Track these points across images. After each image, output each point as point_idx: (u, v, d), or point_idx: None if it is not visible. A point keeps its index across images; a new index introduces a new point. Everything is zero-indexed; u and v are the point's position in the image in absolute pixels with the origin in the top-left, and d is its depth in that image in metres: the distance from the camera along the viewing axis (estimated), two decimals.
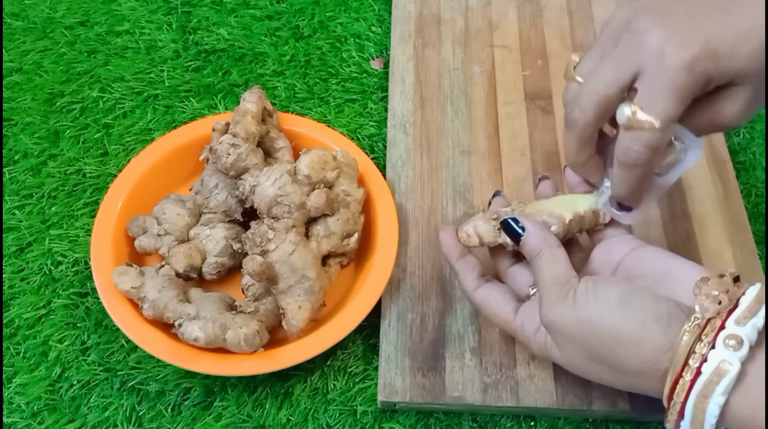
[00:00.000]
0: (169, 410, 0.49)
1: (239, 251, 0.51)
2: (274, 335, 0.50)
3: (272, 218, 0.49)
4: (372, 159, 0.57)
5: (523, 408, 0.48)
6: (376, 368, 0.50)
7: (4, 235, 0.56)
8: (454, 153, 0.59)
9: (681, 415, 0.37)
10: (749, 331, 0.36)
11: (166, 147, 0.57)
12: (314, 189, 0.50)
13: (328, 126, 0.59)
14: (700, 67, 0.38)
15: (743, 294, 0.37)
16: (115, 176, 0.55)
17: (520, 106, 0.62)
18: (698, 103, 0.40)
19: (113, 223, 0.53)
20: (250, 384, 0.50)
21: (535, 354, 0.45)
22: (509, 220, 0.45)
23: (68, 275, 0.54)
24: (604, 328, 0.39)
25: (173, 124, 0.63)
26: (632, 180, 0.42)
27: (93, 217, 0.55)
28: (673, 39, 0.38)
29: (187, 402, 0.49)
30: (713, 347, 0.36)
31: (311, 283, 0.48)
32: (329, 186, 0.51)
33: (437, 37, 0.67)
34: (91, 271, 0.51)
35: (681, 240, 0.55)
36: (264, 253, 0.47)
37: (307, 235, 0.50)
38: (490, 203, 0.50)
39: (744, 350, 0.35)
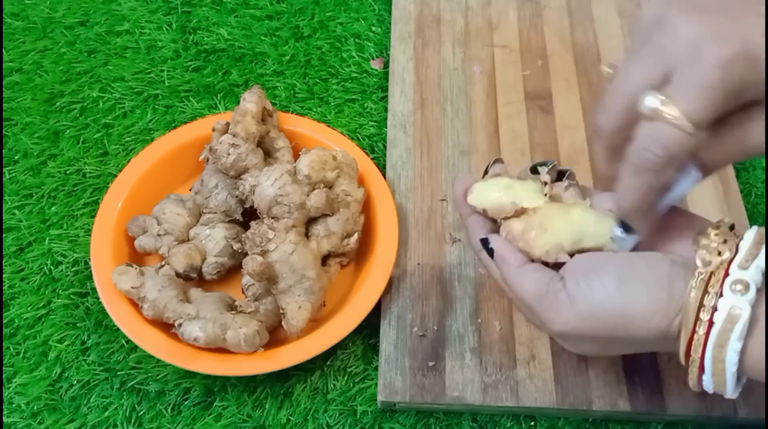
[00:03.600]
0: (169, 410, 0.49)
1: (239, 251, 0.51)
2: (274, 335, 0.50)
3: (272, 218, 0.49)
4: (372, 159, 0.57)
5: (523, 408, 0.48)
6: (376, 368, 0.50)
7: (4, 235, 0.56)
8: (454, 153, 0.59)
9: (701, 369, 0.36)
10: (753, 274, 0.35)
11: (166, 147, 0.57)
12: (314, 189, 0.50)
13: (328, 126, 0.59)
14: (737, 68, 0.34)
15: (741, 239, 0.37)
16: (115, 176, 0.55)
17: (520, 106, 0.62)
18: (727, 122, 0.37)
19: (113, 223, 0.53)
20: (250, 384, 0.50)
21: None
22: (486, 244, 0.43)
23: (68, 275, 0.54)
24: (609, 315, 0.37)
25: (173, 124, 0.63)
26: (641, 190, 0.38)
27: (93, 217, 0.55)
28: (709, 34, 0.34)
29: (187, 402, 0.49)
30: (721, 295, 0.35)
31: (311, 283, 0.48)
32: (329, 186, 0.51)
33: (437, 37, 0.67)
34: (91, 271, 0.51)
35: None
36: (264, 253, 0.47)
37: (307, 235, 0.50)
38: (486, 171, 0.46)
39: (751, 293, 0.35)
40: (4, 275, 0.54)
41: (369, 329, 0.51)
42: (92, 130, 0.62)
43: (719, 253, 0.36)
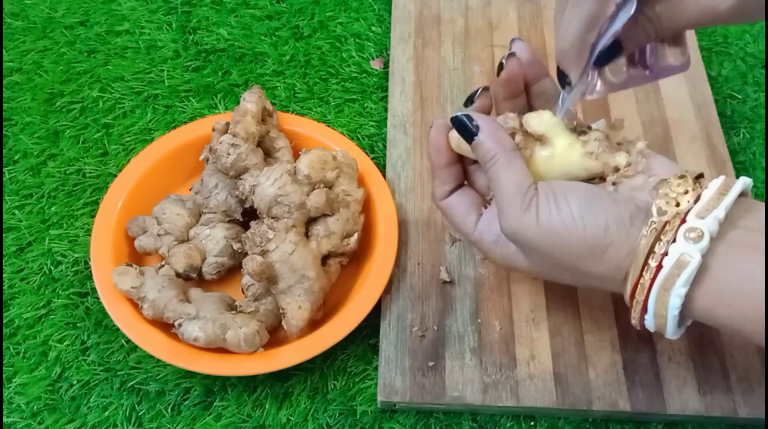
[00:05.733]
0: (169, 410, 0.49)
1: (239, 251, 0.51)
2: (274, 335, 0.50)
3: (272, 218, 0.49)
4: (372, 159, 0.57)
5: (523, 408, 0.48)
6: (376, 368, 0.50)
7: (4, 235, 0.56)
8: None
9: (644, 310, 0.38)
10: (710, 224, 0.36)
11: (166, 147, 0.57)
12: (314, 189, 0.50)
13: (328, 126, 0.59)
14: None
15: (705, 188, 0.37)
16: (115, 176, 0.55)
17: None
18: None
19: (113, 223, 0.53)
20: (250, 384, 0.50)
21: (498, 265, 0.44)
22: (462, 117, 0.42)
23: (68, 275, 0.54)
24: (569, 237, 0.38)
25: (173, 124, 0.63)
26: (580, 21, 0.38)
27: (93, 217, 0.55)
28: None
29: (187, 402, 0.49)
30: (674, 241, 0.36)
31: (311, 283, 0.48)
32: (329, 186, 0.51)
33: (437, 37, 0.67)
34: (91, 271, 0.51)
35: None
36: (264, 253, 0.47)
37: (307, 235, 0.50)
38: (472, 100, 0.45)
39: (704, 242, 0.35)
40: (4, 275, 0.54)
41: (369, 329, 0.51)
42: (92, 130, 0.62)
43: (677, 204, 0.37)
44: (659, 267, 0.36)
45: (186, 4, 0.71)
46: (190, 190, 0.55)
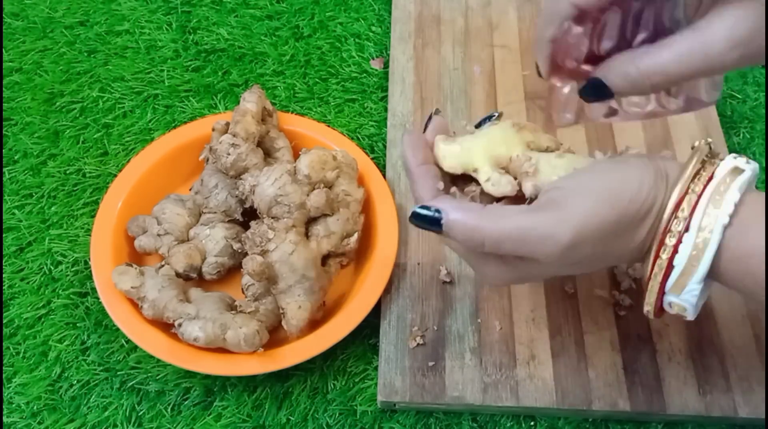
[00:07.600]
0: (168, 410, 0.49)
1: (239, 251, 0.51)
2: (274, 335, 0.50)
3: (272, 218, 0.49)
4: (372, 159, 0.57)
5: (523, 408, 0.48)
6: (376, 368, 0.50)
7: (4, 235, 0.56)
8: None
9: (687, 228, 0.35)
10: (753, 166, 0.36)
11: (166, 147, 0.57)
12: (314, 189, 0.50)
13: (328, 126, 0.59)
14: None
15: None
16: (115, 176, 0.55)
17: (520, 106, 0.62)
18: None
19: (113, 223, 0.53)
20: (250, 384, 0.50)
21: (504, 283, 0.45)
22: (420, 212, 0.39)
23: (68, 275, 0.54)
24: (611, 187, 0.36)
25: (173, 124, 0.63)
26: (540, 15, 0.40)
27: (93, 216, 0.55)
28: None
29: (187, 402, 0.49)
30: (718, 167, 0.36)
31: (311, 283, 0.48)
32: (329, 186, 0.51)
33: (437, 37, 0.67)
34: (91, 271, 0.51)
35: None
36: (264, 253, 0.47)
37: (307, 235, 0.50)
38: (426, 125, 0.43)
39: (754, 163, 0.36)
40: (4, 275, 0.54)
41: (369, 329, 0.51)
42: (92, 130, 0.62)
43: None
44: (710, 178, 0.35)
45: (186, 4, 0.71)
46: (190, 190, 0.55)
